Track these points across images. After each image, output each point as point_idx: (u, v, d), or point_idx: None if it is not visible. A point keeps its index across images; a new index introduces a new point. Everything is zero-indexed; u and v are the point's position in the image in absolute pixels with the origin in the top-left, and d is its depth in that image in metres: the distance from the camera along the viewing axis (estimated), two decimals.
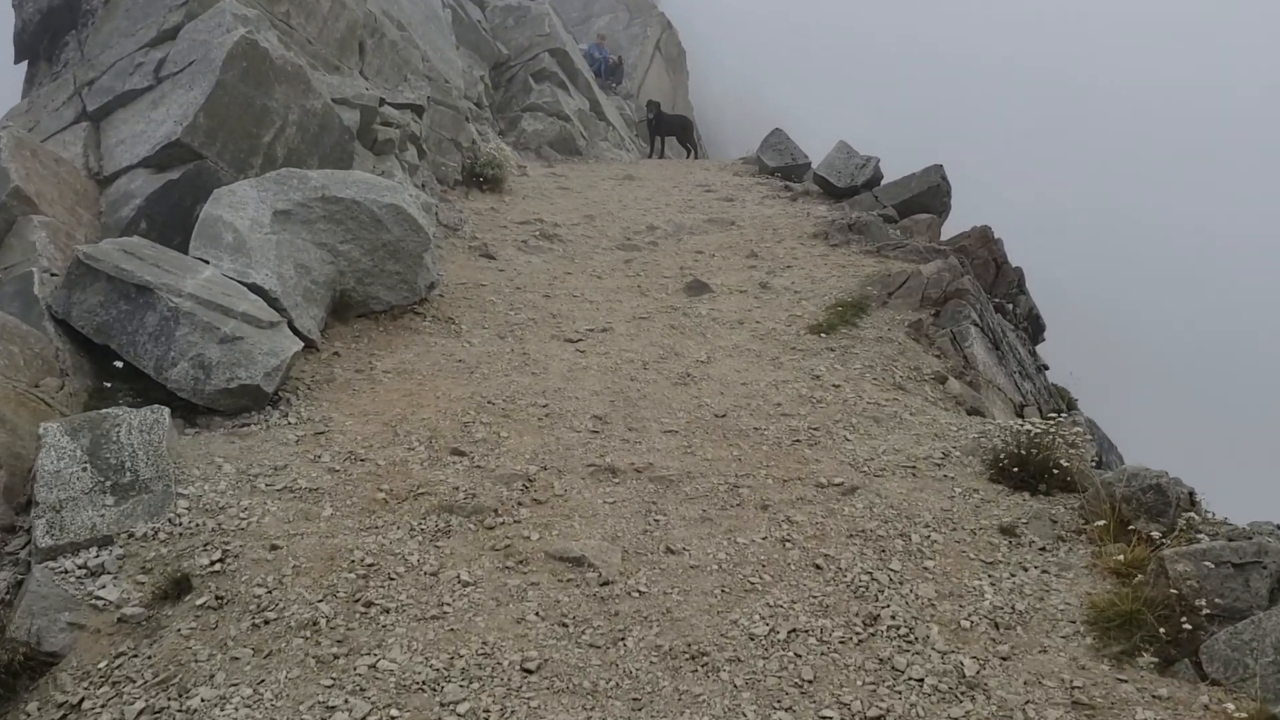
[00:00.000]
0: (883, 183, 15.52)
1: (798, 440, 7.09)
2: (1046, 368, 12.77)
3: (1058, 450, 6.43)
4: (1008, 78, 67.48)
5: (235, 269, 8.32)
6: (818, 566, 5.51)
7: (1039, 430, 6.53)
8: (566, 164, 20.32)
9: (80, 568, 5.28)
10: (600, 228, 13.51)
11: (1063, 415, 7.26)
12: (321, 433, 6.98)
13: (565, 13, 29.92)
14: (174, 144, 9.04)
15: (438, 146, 14.14)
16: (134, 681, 4.60)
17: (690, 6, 47.99)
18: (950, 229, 14.51)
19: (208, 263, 8.26)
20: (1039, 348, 13.79)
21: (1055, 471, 6.35)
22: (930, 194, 14.53)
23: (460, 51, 19.09)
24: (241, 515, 5.82)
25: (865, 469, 6.67)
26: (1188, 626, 4.64)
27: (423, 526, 5.83)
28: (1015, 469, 6.45)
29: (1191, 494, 5.87)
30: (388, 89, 12.23)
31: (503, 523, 5.91)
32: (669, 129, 24.83)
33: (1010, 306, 12.82)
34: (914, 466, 6.70)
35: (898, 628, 4.95)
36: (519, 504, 6.12)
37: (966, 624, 4.98)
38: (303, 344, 8.03)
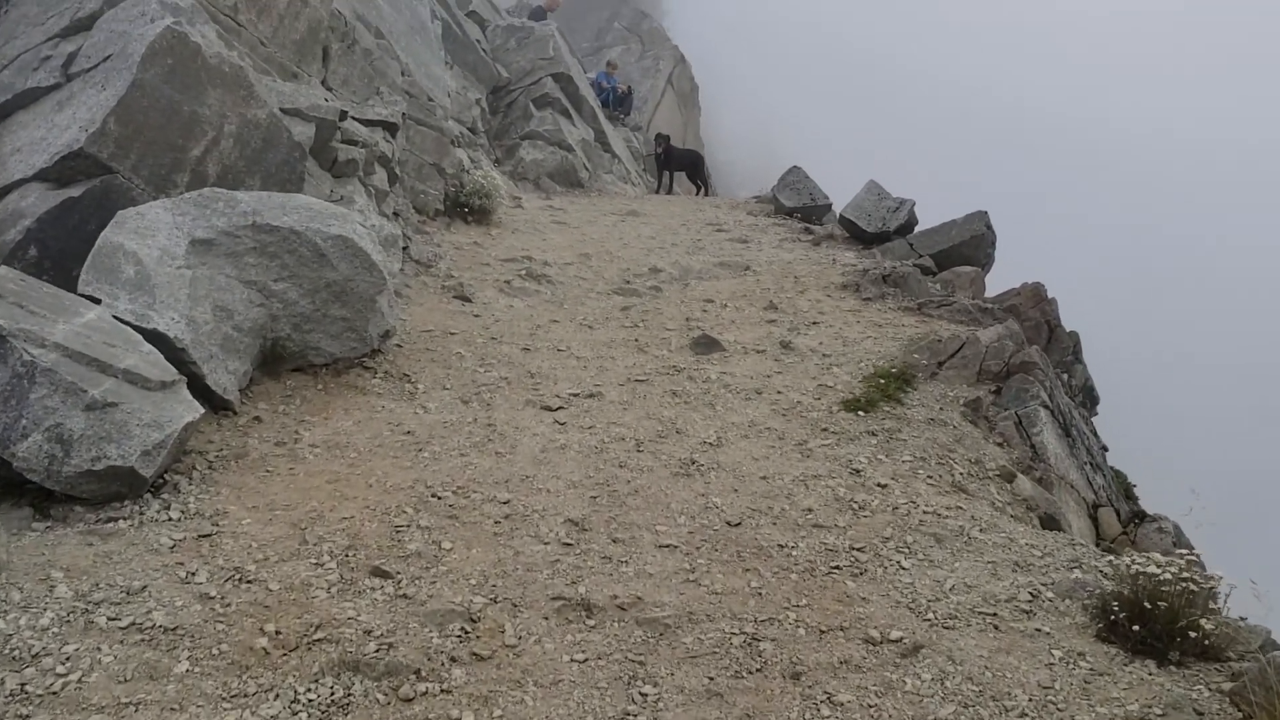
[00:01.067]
0: (917, 228, 13.86)
1: (836, 567, 5.35)
2: (1106, 449, 11.02)
3: (1196, 605, 4.70)
4: (1032, 122, 66.34)
5: (133, 310, 6.64)
6: None
7: (1165, 575, 4.78)
8: (566, 196, 18.71)
9: None
10: (596, 268, 11.84)
11: (1180, 552, 5.53)
12: (208, 535, 5.27)
13: (575, 43, 28.51)
14: (77, 154, 7.38)
15: (417, 172, 12.52)
16: None
17: (704, 43, 46.83)
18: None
19: (98, 301, 6.60)
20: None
21: (1193, 634, 4.62)
22: (973, 244, 12.88)
23: (454, 71, 17.55)
24: (59, 672, 4.08)
25: (930, 615, 4.93)
26: None
27: (310, 697, 4.08)
28: (1133, 625, 4.72)
29: None
30: (355, 102, 10.62)
31: (425, 692, 4.17)
32: (679, 164, 23.27)
33: (1065, 377, 11.10)
34: (994, 613, 4.97)
35: None
36: (452, 660, 4.39)
37: None
38: (203, 410, 6.31)
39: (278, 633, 4.44)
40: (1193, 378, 47.39)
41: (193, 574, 4.85)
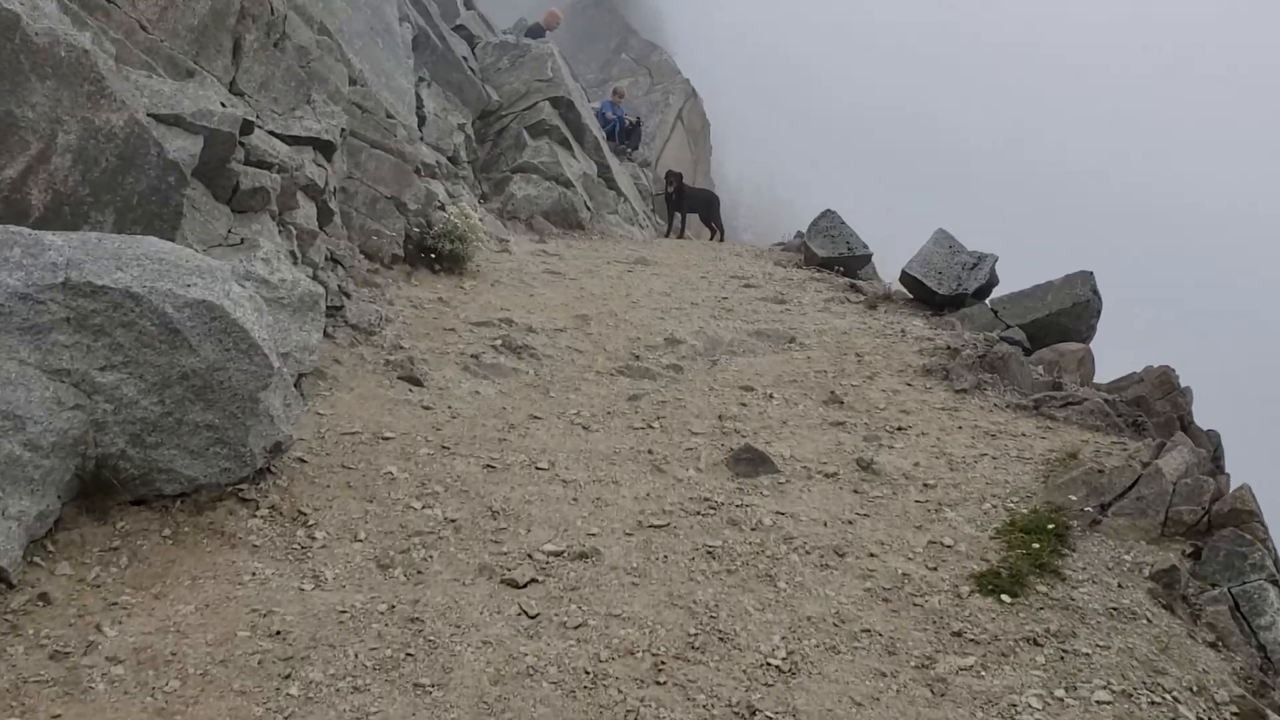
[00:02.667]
0: (996, 289, 11.12)
1: None
2: None
3: None
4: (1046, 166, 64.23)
5: None
6: None
7: None
8: (563, 239, 15.99)
9: None
10: (596, 337, 9.06)
11: None
12: None
13: (579, 75, 25.91)
14: None
15: (368, 206, 9.78)
16: None
17: (709, 80, 44.41)
18: None
19: None
20: None
21: None
22: (1074, 313, 10.13)
23: (433, 90, 14.89)
24: None
25: None
26: None
27: None
28: None
29: None
30: (276, 112, 7.90)
31: None
32: (692, 205, 20.59)
33: None
34: None
35: None
36: None
37: None
38: None
39: None
40: None
41: None
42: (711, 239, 20.68)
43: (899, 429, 6.97)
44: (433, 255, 10.51)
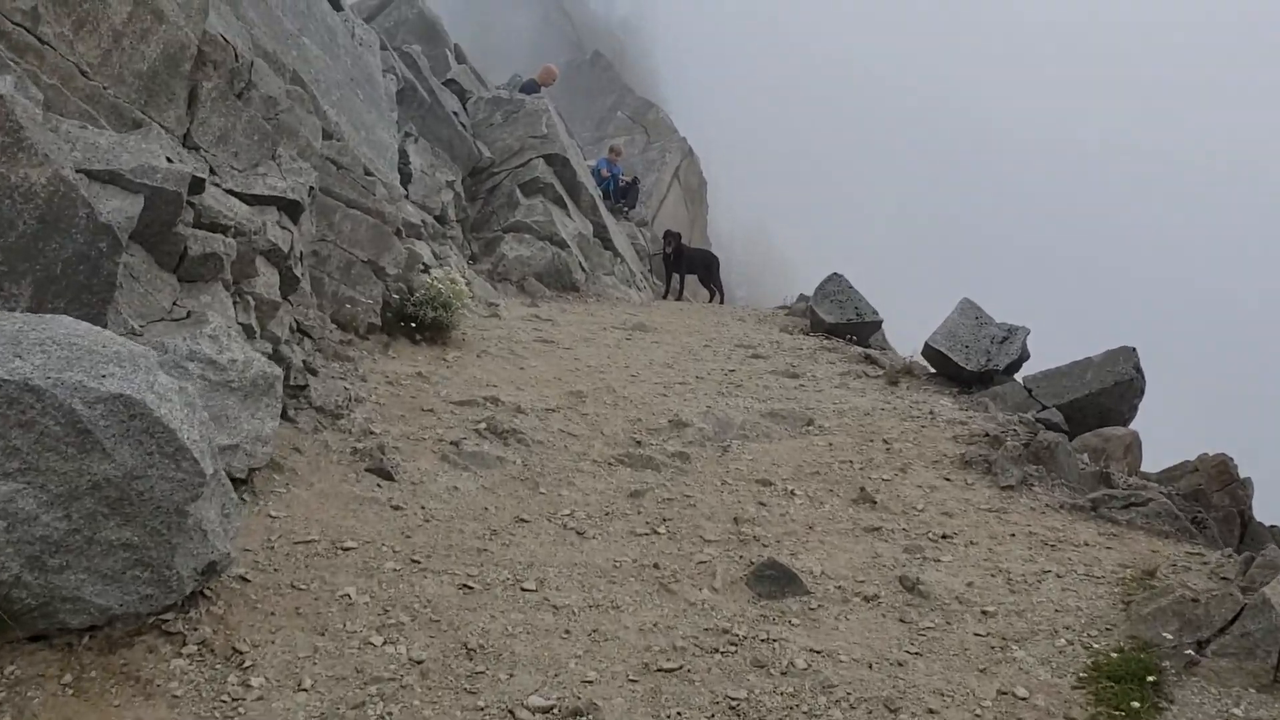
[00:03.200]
0: (1026, 365, 10.24)
1: None
2: None
3: None
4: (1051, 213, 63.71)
5: None
6: None
7: None
8: (557, 302, 15.15)
9: None
10: (593, 419, 8.15)
11: None
12: None
13: (575, 132, 25.26)
14: None
15: (342, 271, 8.92)
16: None
17: (706, 135, 44.00)
18: None
19: None
20: None
21: None
22: (1115, 393, 9.26)
23: (420, 146, 14.12)
24: None
25: None
26: None
27: None
28: None
29: None
30: (237, 169, 7.03)
31: None
32: (690, 266, 19.85)
33: None
34: None
35: None
36: None
37: None
38: None
39: None
40: None
41: None
42: (710, 301, 19.95)
43: (944, 537, 6.03)
44: (414, 324, 9.62)
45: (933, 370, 10.32)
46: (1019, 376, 9.89)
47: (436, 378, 8.66)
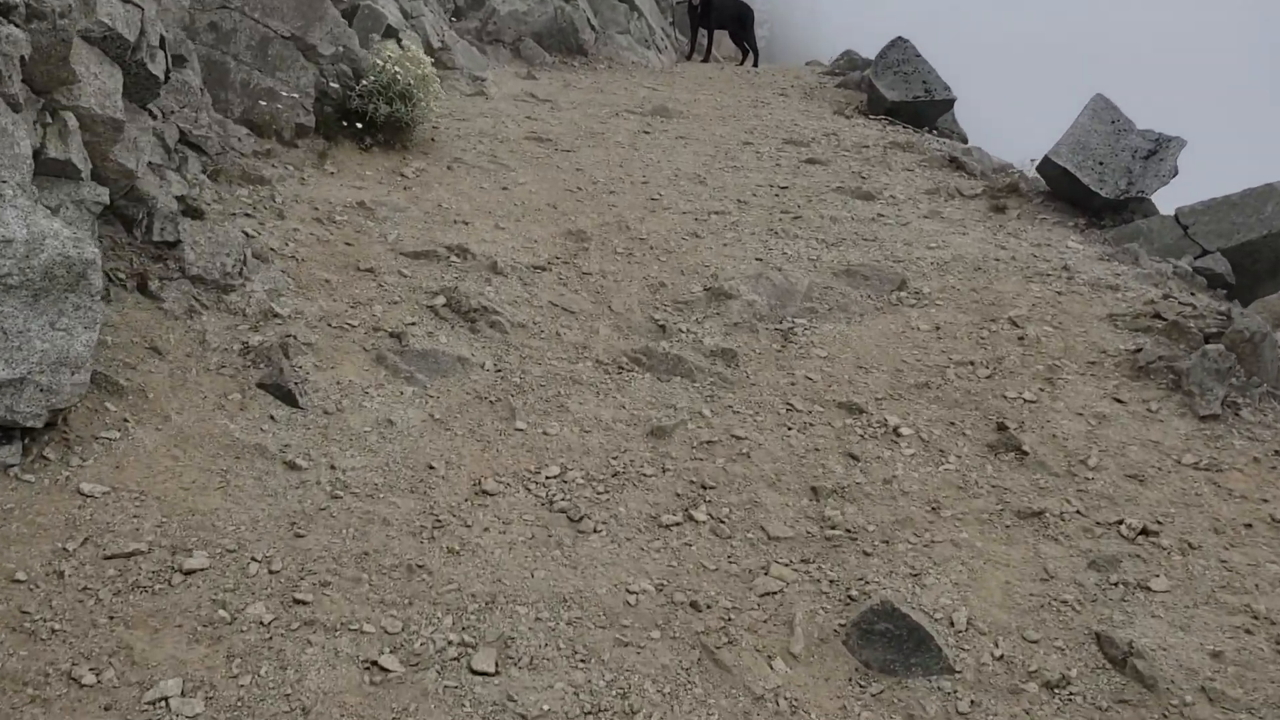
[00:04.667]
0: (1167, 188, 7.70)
1: None
2: None
3: None
4: None
5: None
6: None
7: None
8: (559, 71, 12.40)
9: None
10: (598, 284, 5.80)
11: None
12: None
13: None
14: None
15: (255, 53, 6.39)
16: None
17: None
18: None
19: None
20: None
21: None
22: None
23: None
24: None
25: None
26: None
27: None
28: None
29: None
30: None
31: None
32: (721, 20, 16.70)
33: None
34: None
35: None
36: None
37: None
38: None
39: None
40: None
41: None
42: (743, 62, 17.00)
43: (1143, 532, 3.84)
44: (361, 123, 7.12)
45: (1047, 189, 7.80)
46: (1164, 201, 7.40)
47: (386, 208, 6.26)
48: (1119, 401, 4.71)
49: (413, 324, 4.96)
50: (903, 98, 12.22)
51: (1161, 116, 8.15)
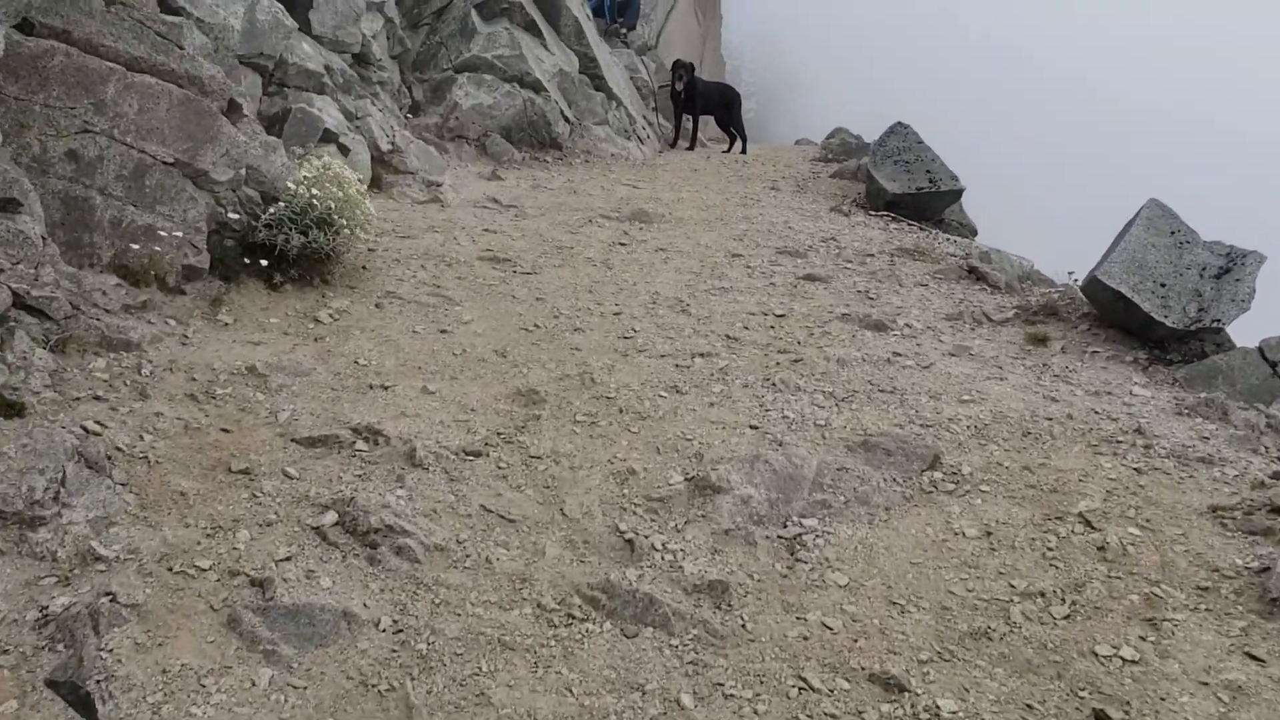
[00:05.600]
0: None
1: None
2: None
3: None
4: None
5: None
6: None
7: None
8: (528, 170, 11.30)
9: None
10: (548, 474, 4.51)
11: None
12: None
13: None
14: None
15: (129, 184, 5.19)
16: None
17: None
18: None
19: None
20: None
21: None
22: None
23: None
24: None
25: None
26: None
27: None
28: None
29: None
30: None
31: None
32: (706, 105, 15.78)
33: None
34: None
35: None
36: None
37: None
38: None
39: None
40: None
41: None
42: (730, 148, 16.02)
43: None
44: (266, 260, 5.91)
45: (1092, 312, 6.57)
46: (1240, 331, 6.14)
47: (284, 373, 5.01)
48: (1255, 660, 3.41)
49: (287, 560, 3.67)
50: (905, 190, 11.18)
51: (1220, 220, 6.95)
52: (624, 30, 17.40)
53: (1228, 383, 5.63)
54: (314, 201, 6.02)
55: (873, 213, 10.79)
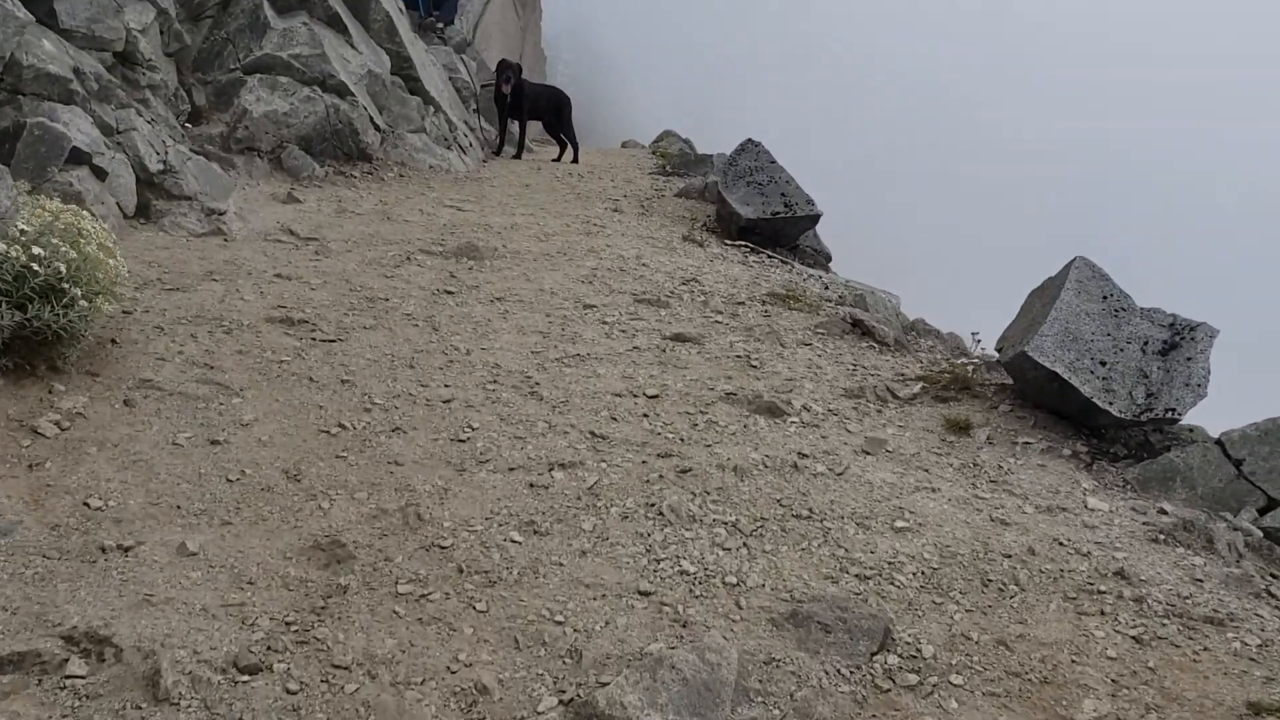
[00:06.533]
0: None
1: None
2: None
3: None
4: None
5: None
6: None
7: None
8: (333, 188, 9.70)
9: None
10: (362, 688, 3.14)
11: None
12: None
13: None
14: None
15: None
16: None
17: None
18: None
19: None
20: None
21: None
22: None
23: None
24: None
25: None
26: None
27: None
28: None
29: None
30: None
31: None
32: (534, 110, 14.44)
33: None
34: None
35: None
36: None
37: None
38: None
39: None
40: None
41: None
42: (560, 157, 14.74)
43: None
44: None
45: (1014, 389, 5.62)
46: (1197, 419, 5.29)
47: None
48: None
49: None
50: (760, 214, 10.23)
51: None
52: (440, 25, 15.83)
53: (1187, 485, 4.75)
54: (33, 266, 4.40)
55: (728, 242, 9.75)
